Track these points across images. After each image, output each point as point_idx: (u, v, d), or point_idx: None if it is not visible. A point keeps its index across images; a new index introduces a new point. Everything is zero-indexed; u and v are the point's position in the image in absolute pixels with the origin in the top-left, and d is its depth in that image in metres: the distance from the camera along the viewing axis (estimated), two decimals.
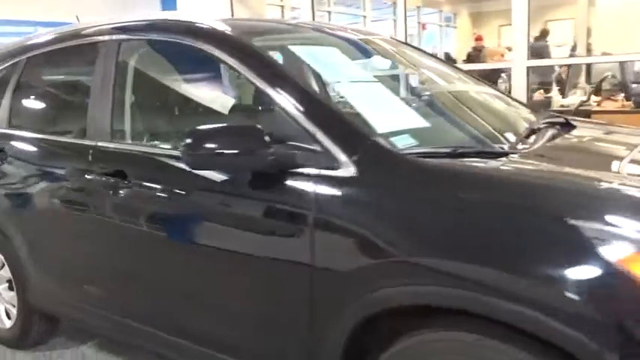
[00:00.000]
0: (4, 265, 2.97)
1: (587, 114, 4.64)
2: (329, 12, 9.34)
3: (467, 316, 1.43)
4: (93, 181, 2.30)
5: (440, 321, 1.51)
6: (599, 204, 1.41)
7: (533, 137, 1.98)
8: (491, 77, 5.92)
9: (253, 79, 1.87)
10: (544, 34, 10.47)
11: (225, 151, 1.68)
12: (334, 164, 1.66)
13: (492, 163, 1.64)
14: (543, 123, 2.16)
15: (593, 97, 5.24)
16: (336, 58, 2.12)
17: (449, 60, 12.47)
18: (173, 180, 2.03)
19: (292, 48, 2.11)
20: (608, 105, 5.01)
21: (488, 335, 1.41)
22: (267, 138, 1.68)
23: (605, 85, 5.39)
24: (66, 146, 2.53)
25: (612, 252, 1.28)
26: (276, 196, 1.76)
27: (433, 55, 2.89)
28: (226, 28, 2.05)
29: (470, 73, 2.86)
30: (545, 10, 13.35)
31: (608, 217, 1.34)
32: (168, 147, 2.16)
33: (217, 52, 1.97)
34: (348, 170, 1.63)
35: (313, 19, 5.72)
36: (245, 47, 1.96)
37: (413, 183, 1.57)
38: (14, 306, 2.99)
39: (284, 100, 1.79)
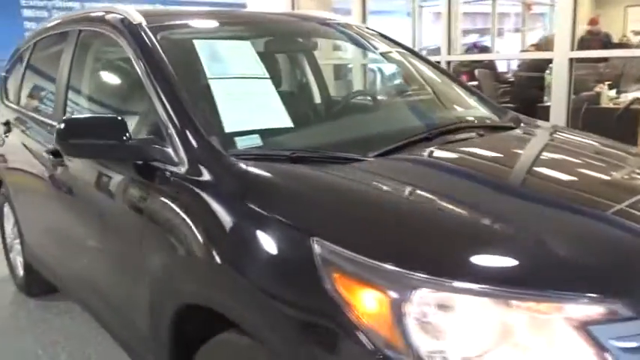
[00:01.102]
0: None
1: (635, 114, 4.14)
2: None
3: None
4: (47, 158, 2.60)
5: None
6: (343, 222, 1.36)
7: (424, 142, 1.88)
8: (542, 68, 5.38)
9: (138, 71, 2.00)
10: None
11: (90, 141, 1.83)
12: (177, 160, 1.74)
13: (304, 171, 1.62)
14: (448, 127, 2.04)
15: None
16: (239, 54, 2.14)
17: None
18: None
19: (196, 42, 2.13)
20: None
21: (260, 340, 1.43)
22: (128, 133, 1.81)
23: None
24: (41, 124, 2.85)
25: (327, 270, 1.25)
26: (133, 185, 1.90)
27: (396, 43, 2.74)
28: (135, 20, 2.18)
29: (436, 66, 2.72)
30: None
31: (339, 236, 1.30)
32: None
33: (121, 42, 2.13)
34: (184, 167, 1.71)
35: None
36: (140, 39, 2.08)
37: (221, 184, 1.62)
38: None
39: (153, 93, 1.90)
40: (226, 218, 1.52)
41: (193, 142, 1.73)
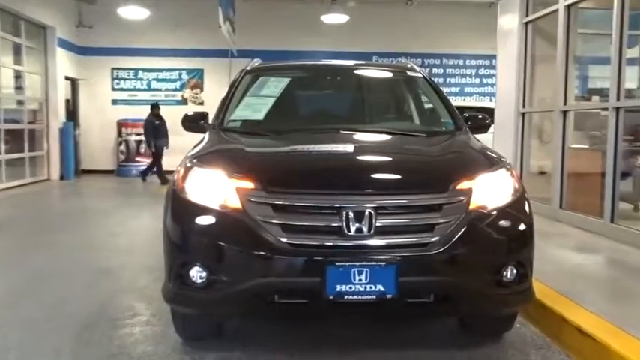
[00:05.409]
0: None
1: None
2: None
3: None
4: None
5: None
6: (205, 152, 3.50)
7: None
8: None
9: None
10: None
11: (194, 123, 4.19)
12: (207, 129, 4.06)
13: (232, 136, 3.82)
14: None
15: None
16: (277, 84, 4.34)
17: None
18: None
19: (260, 78, 4.49)
20: None
21: None
22: (204, 120, 4.15)
23: None
24: None
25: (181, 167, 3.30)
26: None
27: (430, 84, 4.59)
28: (247, 67, 4.62)
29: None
30: None
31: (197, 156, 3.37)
32: None
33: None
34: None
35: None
36: (237, 77, 4.49)
37: (207, 137, 3.83)
38: None
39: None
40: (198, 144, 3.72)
41: (212, 123, 4.03)
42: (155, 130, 12.78)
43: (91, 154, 15.30)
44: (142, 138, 14.69)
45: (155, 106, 13.18)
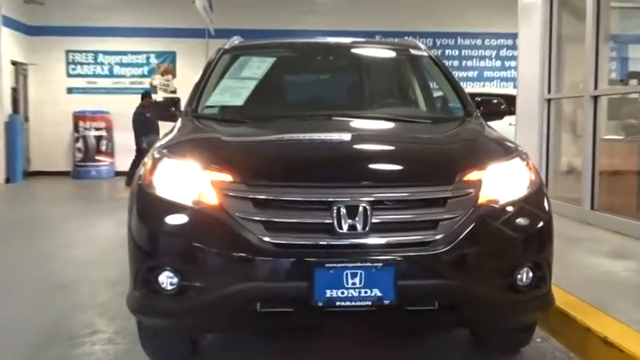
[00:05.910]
0: None
1: None
2: None
3: None
4: None
5: None
6: (175, 141, 3.68)
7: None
8: None
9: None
10: None
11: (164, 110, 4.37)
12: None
13: (206, 124, 3.97)
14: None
15: None
16: (260, 64, 4.45)
17: None
18: None
19: (240, 58, 4.61)
20: None
21: None
22: (175, 106, 4.29)
23: None
24: None
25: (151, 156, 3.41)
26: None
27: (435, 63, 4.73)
28: (225, 46, 4.77)
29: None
30: None
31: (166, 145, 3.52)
32: None
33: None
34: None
35: None
36: (214, 57, 4.64)
37: (178, 125, 3.95)
38: None
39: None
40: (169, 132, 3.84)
41: (184, 109, 4.16)
42: (146, 124, 12.47)
43: (43, 153, 15.37)
44: (103, 133, 14.96)
45: (147, 95, 13.07)
